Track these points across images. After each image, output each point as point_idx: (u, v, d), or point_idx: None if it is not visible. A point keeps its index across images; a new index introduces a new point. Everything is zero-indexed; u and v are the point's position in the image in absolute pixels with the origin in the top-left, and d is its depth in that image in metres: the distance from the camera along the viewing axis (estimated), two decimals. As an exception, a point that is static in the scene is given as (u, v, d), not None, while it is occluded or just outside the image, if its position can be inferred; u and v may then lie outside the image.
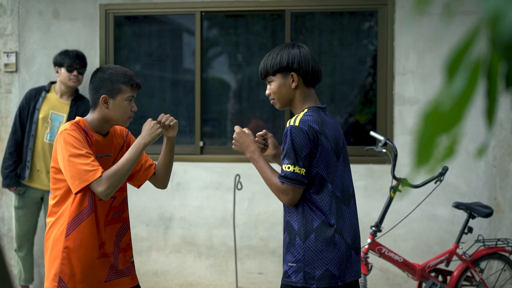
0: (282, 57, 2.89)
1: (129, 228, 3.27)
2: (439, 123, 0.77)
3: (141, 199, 5.86)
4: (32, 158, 5.40)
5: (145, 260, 5.93)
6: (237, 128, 3.00)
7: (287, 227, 2.88)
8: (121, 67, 3.14)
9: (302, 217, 2.83)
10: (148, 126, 3.06)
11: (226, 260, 5.86)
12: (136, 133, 3.25)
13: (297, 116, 2.84)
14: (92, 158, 2.94)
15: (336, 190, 2.86)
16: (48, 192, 5.34)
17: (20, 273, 5.61)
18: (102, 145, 3.10)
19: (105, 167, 3.02)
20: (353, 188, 3.00)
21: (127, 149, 3.19)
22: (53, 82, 5.55)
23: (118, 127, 3.26)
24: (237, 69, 6.19)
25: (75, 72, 5.42)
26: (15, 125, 5.46)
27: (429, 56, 5.63)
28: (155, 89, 6.19)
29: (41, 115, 5.38)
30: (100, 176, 2.90)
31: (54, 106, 5.43)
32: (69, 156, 2.91)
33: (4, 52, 6.06)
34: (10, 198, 6.11)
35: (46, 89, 5.46)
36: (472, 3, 5.51)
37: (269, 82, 2.95)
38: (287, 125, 2.83)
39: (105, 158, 3.10)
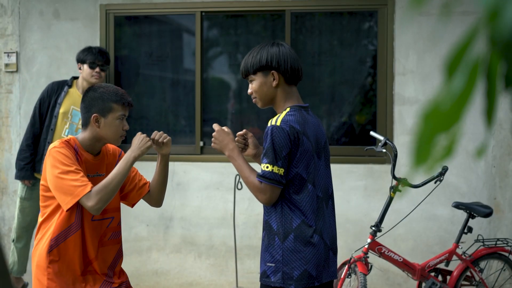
0: (261, 56, 2.89)
1: (122, 252, 3.27)
2: (438, 123, 0.77)
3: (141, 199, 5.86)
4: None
5: (145, 260, 5.93)
6: (216, 126, 2.99)
7: (266, 227, 2.88)
8: (112, 85, 3.14)
9: (281, 217, 2.82)
10: (138, 140, 3.05)
11: (226, 260, 5.87)
12: (135, 134, 3.25)
13: (279, 116, 2.84)
14: (81, 174, 2.93)
15: (317, 190, 2.86)
16: None
17: (13, 264, 5.52)
18: (93, 164, 3.09)
19: None
20: (332, 189, 2.99)
21: None
22: (76, 77, 5.48)
23: (110, 146, 3.24)
24: (237, 69, 6.19)
25: (97, 69, 5.35)
26: (34, 117, 5.35)
27: (429, 56, 5.63)
28: (155, 89, 6.20)
29: (62, 110, 5.30)
30: (90, 191, 2.90)
31: (76, 102, 5.33)
32: (59, 173, 2.91)
33: (5, 52, 6.06)
34: (10, 198, 6.12)
35: (69, 83, 5.38)
36: (472, 3, 5.51)
37: (251, 81, 2.96)
38: (268, 124, 2.82)
39: (97, 177, 3.08)
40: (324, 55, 5.95)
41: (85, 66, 5.33)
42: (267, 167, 2.77)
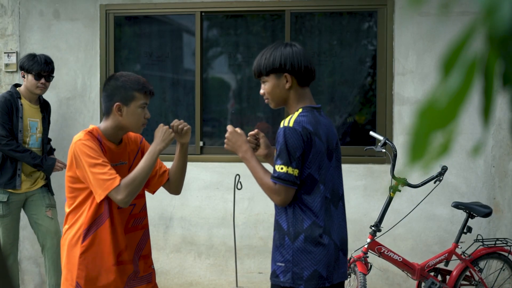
0: (275, 58, 2.88)
1: (149, 235, 3.28)
2: (435, 120, 0.77)
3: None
4: (22, 166, 5.13)
5: (145, 260, 5.94)
6: (229, 128, 2.99)
7: (277, 227, 2.88)
8: (134, 74, 3.14)
9: (292, 218, 2.82)
10: (161, 132, 3.06)
11: (226, 259, 5.87)
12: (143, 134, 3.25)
13: (291, 117, 2.83)
14: (109, 166, 2.95)
15: (327, 191, 2.85)
16: (31, 191, 5.19)
17: None
18: (116, 153, 3.10)
19: (121, 175, 3.03)
20: (342, 190, 2.98)
21: (141, 156, 3.19)
22: (17, 85, 5.24)
23: (132, 134, 3.25)
24: (237, 69, 6.19)
25: (42, 80, 5.11)
26: (8, 131, 5.03)
27: (429, 56, 5.64)
28: (155, 89, 6.17)
29: (25, 123, 5.12)
30: (119, 184, 2.92)
31: (29, 112, 5.18)
32: (88, 167, 2.93)
33: (5, 53, 6.07)
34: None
35: (18, 95, 5.12)
36: (471, 3, 5.51)
37: (263, 82, 2.94)
38: (281, 125, 2.82)
39: (120, 166, 3.10)
40: (324, 55, 5.96)
41: (30, 76, 5.09)
42: (282, 168, 2.76)
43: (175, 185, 3.31)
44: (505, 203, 5.58)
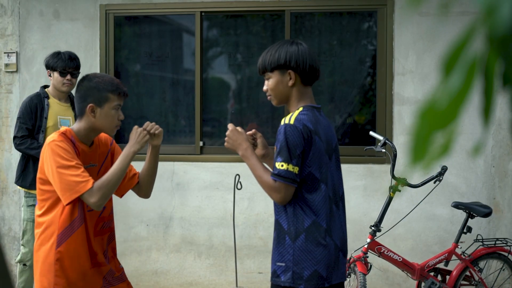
0: (280, 54, 2.88)
1: (115, 236, 3.25)
2: (435, 120, 0.77)
3: (141, 199, 5.86)
4: None
5: (145, 260, 5.94)
6: (230, 126, 2.98)
7: (277, 226, 2.87)
8: (107, 75, 3.11)
9: (292, 217, 2.81)
10: (135, 134, 3.03)
11: (226, 259, 5.87)
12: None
13: (292, 114, 2.84)
14: (82, 169, 2.90)
15: (329, 191, 2.85)
16: None
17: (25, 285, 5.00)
18: (88, 155, 3.06)
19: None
20: (343, 191, 2.98)
21: (111, 158, 3.17)
22: (46, 86, 5.13)
23: (102, 136, 3.21)
24: (237, 69, 6.20)
25: (68, 76, 4.95)
26: (27, 131, 4.91)
27: (428, 56, 5.64)
28: (155, 89, 6.20)
29: (50, 123, 4.94)
30: (92, 187, 2.88)
31: (59, 111, 5.03)
32: (58, 167, 2.88)
33: (5, 53, 6.07)
34: (10, 198, 6.12)
35: (46, 95, 5.02)
36: (470, 3, 5.52)
37: (267, 78, 2.94)
38: (282, 122, 2.82)
39: (90, 168, 3.06)
40: (324, 55, 5.96)
41: (56, 74, 4.95)
42: (282, 166, 2.75)
43: (144, 188, 3.25)
44: (505, 203, 5.58)
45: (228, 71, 6.24)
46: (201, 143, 5.98)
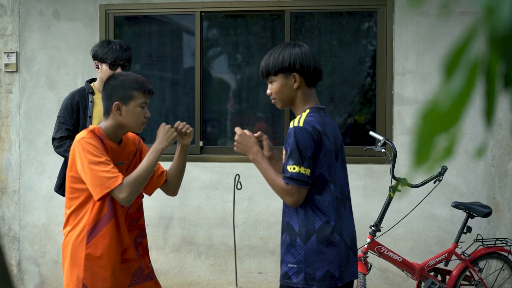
0: (284, 57, 2.87)
1: (146, 234, 3.28)
2: (438, 123, 0.77)
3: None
4: None
5: (145, 260, 5.94)
6: (238, 130, 2.96)
7: (287, 228, 2.86)
8: (133, 73, 3.15)
9: (304, 218, 2.81)
10: (163, 131, 3.08)
11: (225, 259, 5.87)
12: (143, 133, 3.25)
13: (300, 117, 2.83)
14: (112, 165, 2.95)
15: (337, 191, 2.86)
16: None
17: None
18: (117, 152, 3.11)
19: None
20: (348, 190, 2.99)
21: (140, 157, 3.22)
22: (92, 80, 4.58)
23: (130, 135, 3.26)
24: (237, 69, 6.19)
25: (118, 69, 4.39)
26: (60, 139, 4.39)
27: (428, 56, 5.64)
28: (155, 89, 6.18)
29: (95, 122, 4.38)
30: (121, 182, 2.92)
31: None
32: (89, 163, 2.93)
33: (5, 52, 6.07)
34: (10, 198, 6.12)
35: (91, 90, 4.45)
36: (471, 3, 5.51)
37: (271, 82, 2.93)
38: (291, 125, 2.81)
39: (119, 165, 3.10)
40: (324, 55, 5.96)
41: (104, 66, 4.38)
42: (294, 168, 2.75)
43: (172, 186, 3.29)
44: (505, 203, 5.58)
45: (228, 71, 6.24)
46: (201, 143, 5.98)
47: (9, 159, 6.11)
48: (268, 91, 2.95)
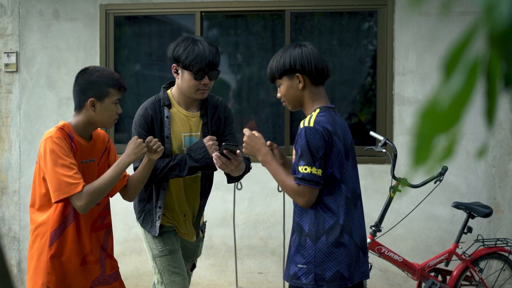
0: (285, 60, 2.89)
1: (112, 232, 3.26)
2: (437, 123, 0.76)
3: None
4: (164, 203, 3.55)
5: (145, 260, 5.93)
6: (247, 131, 2.96)
7: (297, 229, 2.85)
8: (107, 69, 3.12)
9: (314, 219, 2.80)
10: (134, 145, 3.04)
11: (226, 259, 5.86)
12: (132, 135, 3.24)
13: (310, 117, 2.83)
14: (75, 170, 2.91)
15: (347, 191, 2.85)
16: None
17: None
18: (86, 149, 3.07)
19: (90, 172, 3.03)
20: (360, 190, 2.98)
21: (108, 155, 3.20)
22: (168, 86, 3.59)
23: (100, 132, 3.23)
24: (237, 69, 6.19)
25: (206, 80, 3.40)
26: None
27: (429, 56, 5.63)
28: (155, 89, 6.19)
29: (173, 144, 3.48)
30: (81, 190, 2.89)
31: (184, 125, 3.51)
32: (53, 165, 2.89)
33: (5, 52, 6.06)
34: (10, 198, 6.11)
35: (166, 103, 3.48)
36: (471, 3, 5.51)
37: (278, 85, 2.96)
38: (301, 125, 2.81)
39: (90, 163, 3.08)
40: (324, 55, 5.95)
41: (187, 75, 3.39)
42: (305, 169, 2.74)
43: (131, 192, 3.27)
44: (506, 203, 5.58)
45: (228, 71, 6.23)
46: (201, 143, 5.97)
47: (9, 159, 6.10)
48: (278, 95, 2.98)
